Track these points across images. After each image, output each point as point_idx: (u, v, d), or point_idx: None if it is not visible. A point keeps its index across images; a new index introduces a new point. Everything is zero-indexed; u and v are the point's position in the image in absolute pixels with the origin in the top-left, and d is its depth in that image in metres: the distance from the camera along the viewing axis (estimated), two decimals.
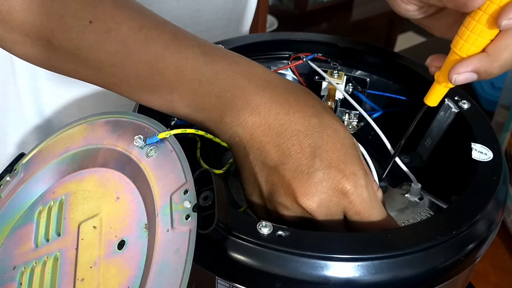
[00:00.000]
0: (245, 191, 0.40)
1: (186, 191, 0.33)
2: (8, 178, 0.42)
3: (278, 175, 0.36)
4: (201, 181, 0.34)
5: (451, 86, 0.41)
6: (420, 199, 0.47)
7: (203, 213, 0.32)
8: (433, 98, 0.43)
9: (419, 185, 0.46)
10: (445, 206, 0.44)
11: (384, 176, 0.48)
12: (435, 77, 0.42)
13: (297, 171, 0.36)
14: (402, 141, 0.45)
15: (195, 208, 0.32)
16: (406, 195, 0.48)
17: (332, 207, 0.36)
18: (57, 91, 0.61)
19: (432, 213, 0.45)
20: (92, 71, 0.40)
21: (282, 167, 0.36)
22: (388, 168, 0.47)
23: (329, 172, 0.36)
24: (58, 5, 0.38)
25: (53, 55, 0.40)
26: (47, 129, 0.63)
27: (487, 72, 0.39)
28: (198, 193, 0.33)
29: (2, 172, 0.43)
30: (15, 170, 0.43)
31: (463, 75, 0.39)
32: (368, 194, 0.37)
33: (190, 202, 0.32)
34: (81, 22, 0.38)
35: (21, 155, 0.44)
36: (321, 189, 0.35)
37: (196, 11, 0.61)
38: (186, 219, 0.32)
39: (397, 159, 0.47)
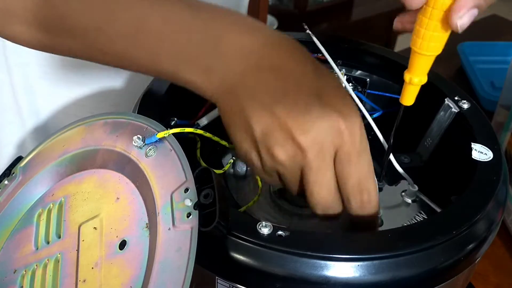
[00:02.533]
0: (235, 140, 0.38)
1: (186, 189, 0.33)
2: (6, 182, 0.42)
3: (272, 114, 0.35)
4: (201, 179, 0.34)
5: (422, 83, 0.41)
6: (414, 201, 0.47)
7: (204, 210, 0.32)
8: (407, 98, 0.42)
9: (416, 188, 0.46)
10: (439, 210, 0.44)
11: (381, 177, 0.48)
12: (404, 77, 0.41)
13: (294, 108, 0.35)
14: (391, 141, 0.45)
15: (196, 206, 0.32)
16: (401, 194, 0.48)
17: (326, 146, 0.35)
18: (53, 92, 0.61)
19: (426, 217, 0.45)
20: (79, 41, 0.40)
21: (277, 105, 0.35)
22: (384, 169, 0.47)
23: (326, 110, 0.35)
24: None
25: (42, 32, 0.40)
26: (44, 131, 0.63)
27: (486, 1, 0.36)
28: (198, 191, 0.33)
29: (0, 176, 0.43)
30: (13, 173, 0.43)
31: (466, 17, 0.35)
32: (361, 137, 0.36)
33: (191, 200, 0.32)
34: None
35: (19, 158, 0.43)
36: (318, 125, 0.35)
37: None
38: (188, 217, 0.32)
39: (394, 161, 0.47)
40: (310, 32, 0.53)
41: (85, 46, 0.40)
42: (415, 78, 0.40)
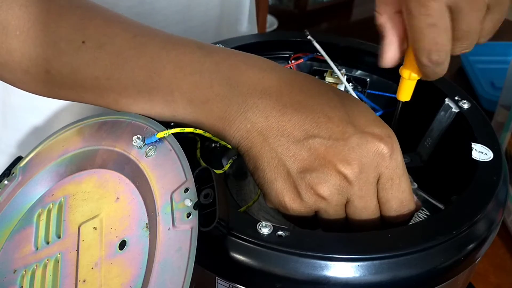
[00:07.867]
0: (265, 181, 0.36)
1: (186, 189, 0.33)
2: (6, 182, 0.42)
3: (308, 149, 0.34)
4: (201, 179, 0.34)
5: (417, 78, 0.42)
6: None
7: (204, 210, 0.32)
8: (404, 93, 0.43)
9: (415, 185, 0.46)
10: (441, 206, 0.44)
11: None
12: (400, 72, 0.42)
13: (331, 140, 0.34)
14: None
15: (196, 206, 0.32)
16: None
17: (370, 173, 0.35)
18: None
19: (428, 213, 0.45)
20: (92, 92, 0.40)
21: (312, 140, 0.34)
22: None
23: (364, 136, 0.34)
24: (50, 34, 0.38)
25: (54, 84, 0.40)
26: (44, 131, 0.63)
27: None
28: (198, 191, 0.33)
29: (0, 176, 0.43)
30: (13, 173, 0.42)
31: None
32: (401, 159, 0.36)
33: (191, 200, 0.32)
34: (74, 45, 0.38)
35: (18, 159, 0.43)
36: (360, 153, 0.34)
37: (187, 7, 0.61)
38: (188, 217, 0.32)
39: None
40: (311, 38, 0.53)
41: (99, 97, 0.40)
42: (408, 72, 0.41)
